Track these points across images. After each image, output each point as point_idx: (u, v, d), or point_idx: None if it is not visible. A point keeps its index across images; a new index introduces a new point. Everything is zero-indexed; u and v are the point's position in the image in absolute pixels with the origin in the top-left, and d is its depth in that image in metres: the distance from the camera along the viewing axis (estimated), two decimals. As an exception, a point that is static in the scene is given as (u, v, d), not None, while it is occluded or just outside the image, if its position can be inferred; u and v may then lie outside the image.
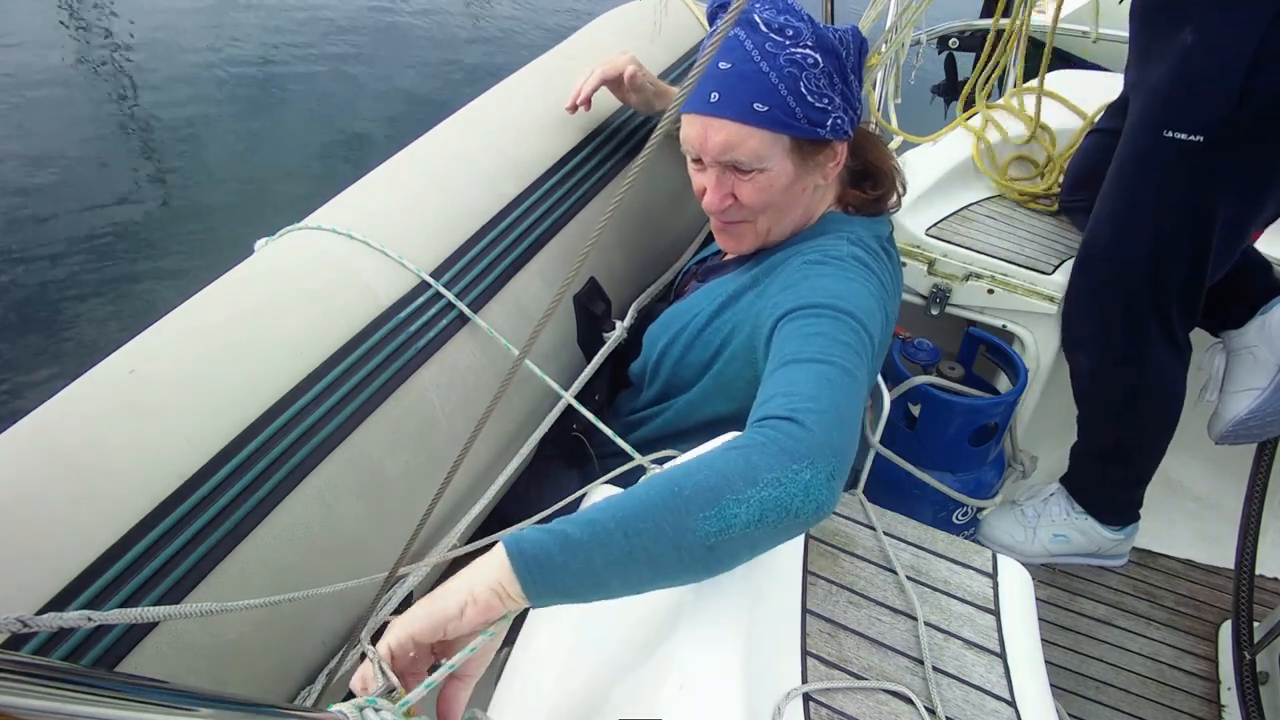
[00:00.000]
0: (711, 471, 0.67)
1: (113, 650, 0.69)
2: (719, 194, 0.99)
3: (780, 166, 0.96)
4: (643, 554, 0.64)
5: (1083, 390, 1.59)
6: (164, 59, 4.86)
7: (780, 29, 0.93)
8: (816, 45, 0.94)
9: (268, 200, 3.87)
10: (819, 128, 0.95)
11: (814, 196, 1.04)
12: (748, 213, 1.01)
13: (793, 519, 0.67)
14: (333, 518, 0.86)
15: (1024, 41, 1.86)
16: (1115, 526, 1.68)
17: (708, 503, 0.65)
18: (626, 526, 0.64)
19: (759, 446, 0.68)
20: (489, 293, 1.07)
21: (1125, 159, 1.38)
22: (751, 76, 0.92)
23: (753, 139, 0.94)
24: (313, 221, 1.03)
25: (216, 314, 0.92)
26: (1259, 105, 1.18)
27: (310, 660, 0.86)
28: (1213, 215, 1.29)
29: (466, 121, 1.27)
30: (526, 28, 6.05)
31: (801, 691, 0.72)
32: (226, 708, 0.42)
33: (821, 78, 0.94)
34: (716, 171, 0.98)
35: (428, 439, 0.96)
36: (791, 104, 0.93)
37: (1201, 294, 1.40)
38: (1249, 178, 1.25)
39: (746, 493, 0.65)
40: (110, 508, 0.73)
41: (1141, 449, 1.57)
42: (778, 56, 0.92)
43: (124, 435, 0.78)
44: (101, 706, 0.32)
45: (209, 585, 0.76)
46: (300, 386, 0.87)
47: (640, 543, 0.63)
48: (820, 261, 0.96)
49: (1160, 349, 1.45)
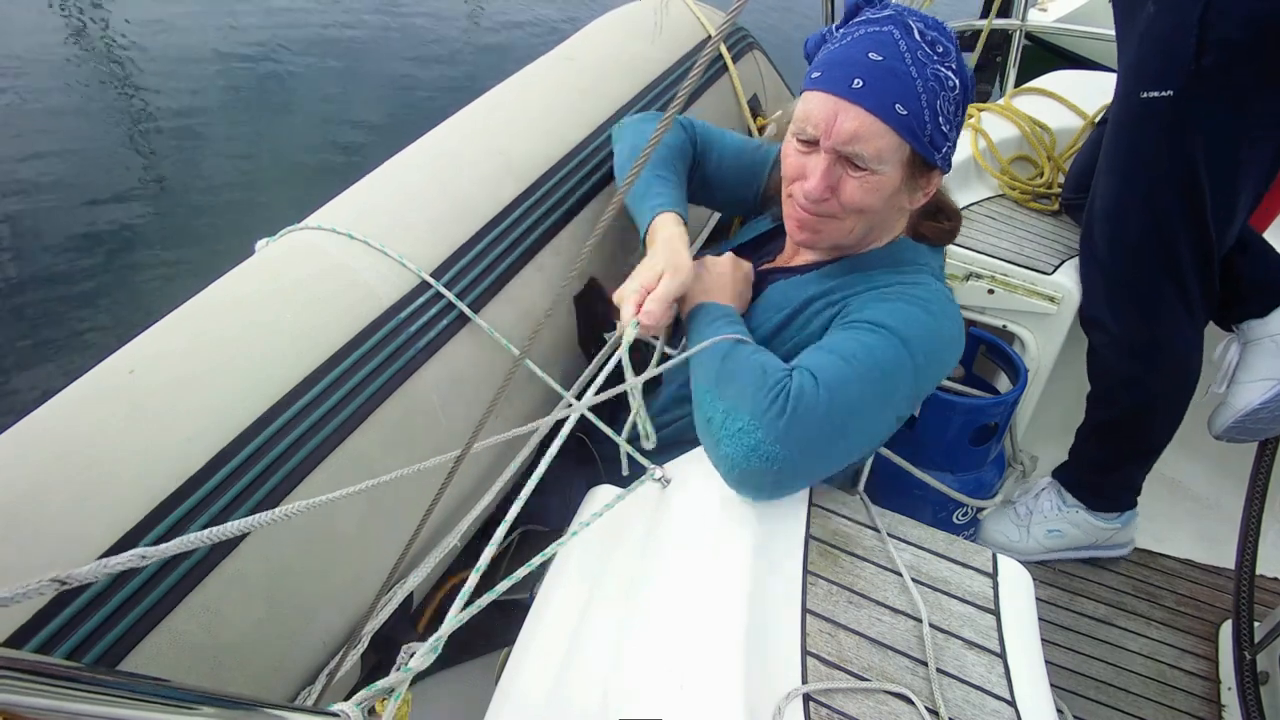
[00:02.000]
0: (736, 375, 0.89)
1: (113, 649, 0.70)
2: (824, 182, 0.94)
3: (892, 174, 0.93)
4: (710, 367, 0.92)
5: (1097, 365, 1.60)
6: (165, 58, 4.86)
7: (932, 43, 0.91)
8: (958, 70, 0.92)
9: (268, 200, 3.87)
10: (936, 151, 0.94)
11: (896, 217, 1.02)
12: (840, 210, 0.97)
13: (711, 437, 0.87)
14: (332, 518, 0.86)
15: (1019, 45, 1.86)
16: (1111, 514, 1.68)
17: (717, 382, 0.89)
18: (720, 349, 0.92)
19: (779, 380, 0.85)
20: (489, 293, 1.07)
21: (1110, 133, 1.47)
22: (901, 76, 0.89)
23: (884, 138, 0.90)
24: (313, 222, 1.03)
25: (217, 314, 0.92)
26: (1215, 55, 1.26)
27: (310, 660, 0.86)
28: (1192, 161, 1.34)
29: (467, 122, 1.27)
30: (527, 28, 6.05)
31: (802, 692, 0.72)
32: (226, 707, 0.42)
33: (952, 104, 0.93)
34: (830, 159, 0.93)
35: (428, 439, 0.96)
36: (926, 118, 0.91)
37: (1212, 254, 1.41)
38: (1217, 120, 1.32)
39: (717, 400, 0.88)
40: (109, 508, 0.73)
41: (1153, 419, 1.57)
42: (926, 68, 0.90)
43: (124, 435, 0.78)
44: (102, 705, 0.32)
45: (208, 585, 0.76)
46: (301, 386, 0.87)
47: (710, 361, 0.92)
48: (906, 292, 0.97)
49: (1177, 315, 1.47)
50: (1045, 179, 1.84)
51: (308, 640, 0.85)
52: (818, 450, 0.85)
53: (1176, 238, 1.41)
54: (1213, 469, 1.93)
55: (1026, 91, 2.03)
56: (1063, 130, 1.88)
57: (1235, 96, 1.29)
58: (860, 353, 0.88)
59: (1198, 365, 1.52)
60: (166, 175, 4.01)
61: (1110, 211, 1.49)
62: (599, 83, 1.41)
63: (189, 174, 4.04)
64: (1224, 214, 1.39)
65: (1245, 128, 1.32)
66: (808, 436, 0.83)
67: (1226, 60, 1.26)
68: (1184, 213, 1.38)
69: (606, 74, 1.44)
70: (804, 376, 0.85)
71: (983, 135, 1.84)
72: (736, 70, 1.64)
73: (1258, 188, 1.40)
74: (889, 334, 0.90)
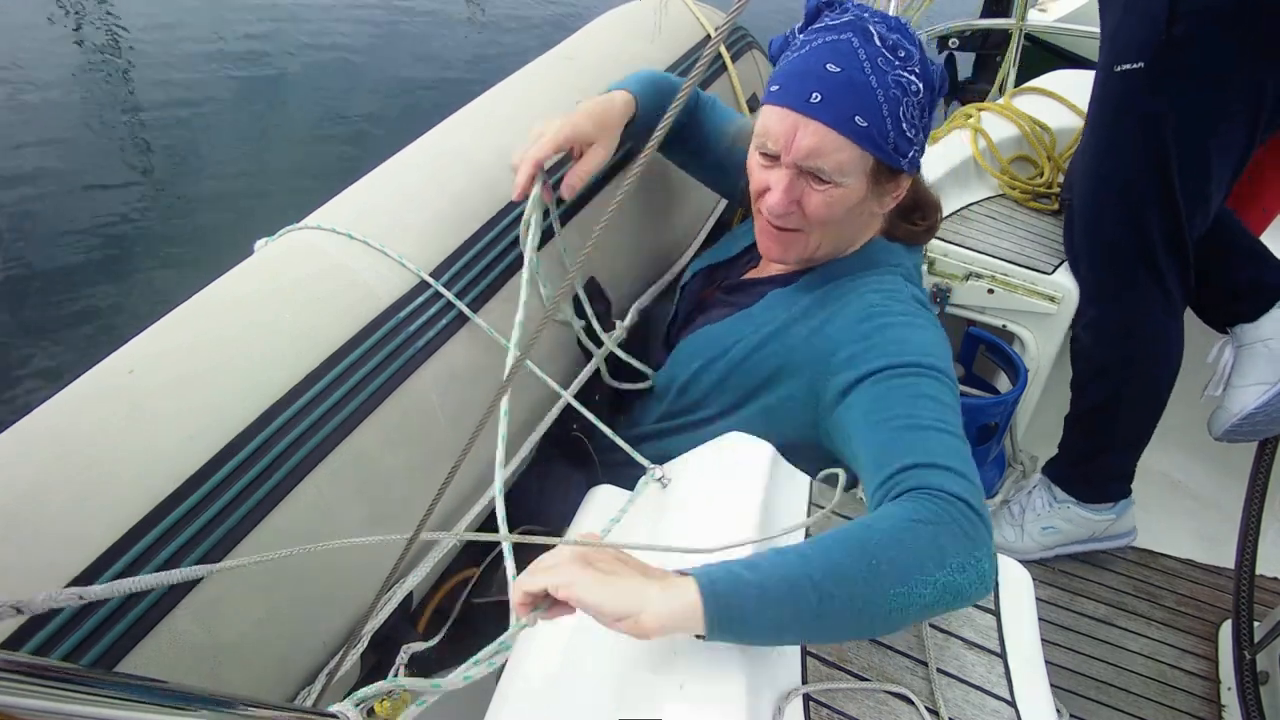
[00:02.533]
0: (903, 548, 0.69)
1: (112, 650, 0.69)
2: (786, 198, 0.93)
3: (855, 185, 0.92)
4: (830, 617, 0.67)
5: (1077, 350, 1.60)
6: (164, 57, 4.86)
7: (894, 47, 0.89)
8: (921, 74, 0.90)
9: (269, 199, 3.87)
10: (902, 157, 0.92)
11: (867, 221, 1.02)
12: (805, 223, 0.96)
13: (963, 601, 0.72)
14: (332, 517, 0.86)
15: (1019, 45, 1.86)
16: (1102, 505, 1.67)
17: (899, 579, 0.68)
18: (821, 589, 0.66)
19: (945, 527, 0.71)
20: (489, 292, 1.06)
21: (1089, 111, 1.48)
22: (860, 87, 0.88)
23: (843, 151, 0.89)
24: (312, 221, 1.02)
25: (216, 314, 0.92)
26: (1186, 25, 1.26)
27: (310, 660, 0.86)
28: (1162, 136, 1.34)
29: (466, 121, 1.27)
30: (526, 27, 6.05)
31: (802, 692, 0.72)
32: (226, 707, 0.42)
33: (917, 108, 0.91)
34: (791, 174, 0.92)
35: (427, 439, 0.96)
36: (888, 126, 0.89)
37: (1184, 235, 1.41)
38: (1188, 93, 1.32)
39: (935, 575, 0.69)
40: (109, 508, 0.73)
41: (1132, 406, 1.56)
42: (887, 75, 0.88)
43: (123, 435, 0.78)
44: (101, 707, 0.32)
45: (207, 585, 0.76)
46: (300, 386, 0.87)
47: (831, 606, 0.66)
48: (885, 310, 0.94)
49: (1150, 296, 1.47)
50: (1045, 179, 1.84)
51: (307, 640, 0.85)
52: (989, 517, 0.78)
53: (1148, 218, 1.40)
54: (1213, 469, 1.92)
55: (1026, 91, 2.03)
56: (1063, 130, 1.88)
57: (1206, 68, 1.28)
58: (936, 411, 0.83)
59: (1177, 352, 1.51)
60: (167, 175, 4.02)
61: (1084, 192, 1.49)
62: (598, 81, 1.40)
63: (189, 173, 4.05)
64: (1195, 192, 1.37)
65: (1217, 101, 1.31)
66: (986, 512, 0.76)
67: (1197, 29, 1.26)
68: (1155, 191, 1.37)
69: (606, 73, 1.43)
70: (945, 478, 0.75)
71: (983, 135, 1.84)
72: (735, 70, 1.64)
73: (1234, 167, 1.39)
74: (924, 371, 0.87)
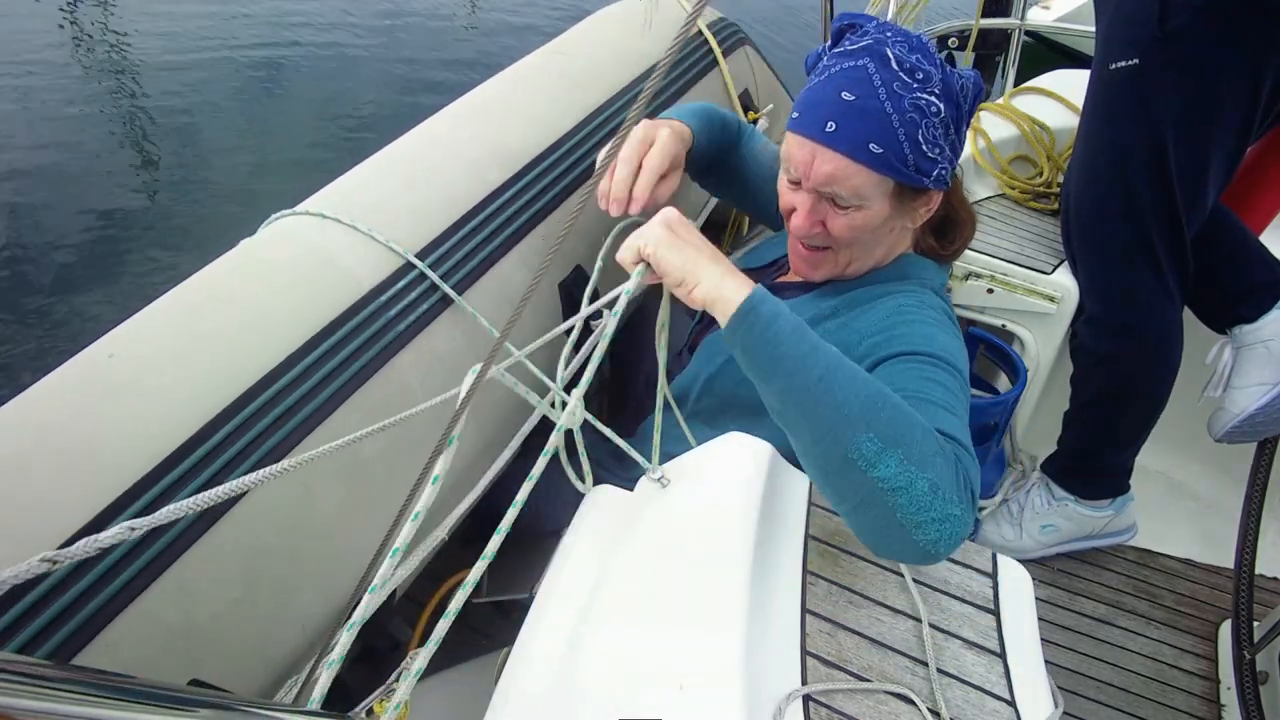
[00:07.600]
0: (907, 427, 0.70)
1: (85, 628, 0.70)
2: (810, 220, 0.97)
3: (878, 207, 0.95)
4: (814, 403, 0.70)
5: (1077, 345, 1.59)
6: (161, 50, 4.86)
7: (911, 70, 0.90)
8: (942, 93, 0.91)
9: (268, 193, 3.87)
10: (925, 177, 0.94)
11: (897, 237, 1.04)
12: (832, 242, 0.99)
13: (910, 519, 0.69)
14: (310, 500, 0.86)
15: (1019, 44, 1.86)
16: (1101, 502, 1.66)
17: (885, 436, 0.69)
18: (830, 377, 0.71)
19: (947, 458, 0.71)
20: (472, 276, 1.07)
21: (1085, 108, 1.47)
22: (873, 115, 0.89)
23: (859, 177, 0.92)
24: (300, 208, 1.03)
25: (197, 300, 0.92)
26: (1179, 19, 1.26)
27: (290, 645, 0.85)
28: (1158, 131, 1.34)
29: (458, 114, 1.28)
30: (523, 25, 6.05)
31: (802, 692, 0.72)
32: (225, 708, 0.41)
33: (939, 127, 0.92)
34: (813, 198, 0.96)
35: (407, 423, 0.96)
36: (906, 150, 0.91)
37: (1181, 229, 1.41)
38: (1182, 84, 1.31)
39: (911, 467, 0.69)
40: (87, 487, 0.74)
41: (1130, 402, 1.55)
42: (903, 99, 0.89)
43: (102, 417, 0.79)
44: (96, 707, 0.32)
45: (183, 565, 0.76)
46: (280, 368, 0.88)
47: (823, 396, 0.70)
48: (914, 310, 0.96)
49: (1148, 291, 1.46)
50: (1045, 178, 1.84)
51: (287, 624, 0.85)
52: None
53: (1145, 213, 1.40)
54: (1213, 469, 1.92)
55: (1026, 91, 2.03)
56: (1062, 130, 1.88)
57: (1200, 63, 1.28)
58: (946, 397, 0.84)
59: (1176, 346, 1.51)
60: (164, 169, 4.02)
61: (1081, 188, 1.48)
62: (589, 74, 1.41)
63: (185, 166, 4.05)
64: (1191, 187, 1.37)
65: (1212, 95, 1.30)
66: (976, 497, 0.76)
67: (1191, 24, 1.25)
68: (1152, 186, 1.37)
69: (597, 66, 1.44)
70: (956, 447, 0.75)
71: (982, 135, 1.84)
72: (727, 64, 1.64)
73: (1229, 161, 1.39)
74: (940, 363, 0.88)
